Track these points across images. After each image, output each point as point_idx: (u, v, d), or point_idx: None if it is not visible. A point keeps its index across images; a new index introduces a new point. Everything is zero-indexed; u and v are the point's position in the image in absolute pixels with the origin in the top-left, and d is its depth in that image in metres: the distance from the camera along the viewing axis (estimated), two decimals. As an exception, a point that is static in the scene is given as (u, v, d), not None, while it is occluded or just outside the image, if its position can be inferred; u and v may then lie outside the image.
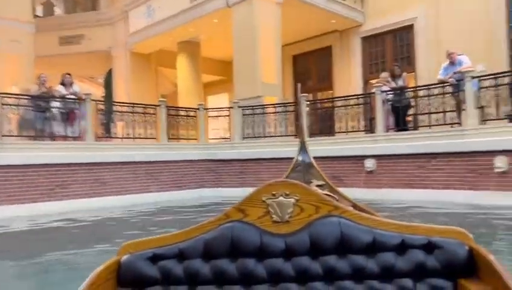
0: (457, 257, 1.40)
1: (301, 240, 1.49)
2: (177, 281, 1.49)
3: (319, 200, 1.54)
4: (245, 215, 1.54)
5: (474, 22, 11.26)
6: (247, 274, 1.47)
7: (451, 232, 1.46)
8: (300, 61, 16.58)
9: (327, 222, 1.51)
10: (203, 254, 1.51)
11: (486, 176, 7.49)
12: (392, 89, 9.15)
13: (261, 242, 1.50)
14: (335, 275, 1.46)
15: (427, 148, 8.30)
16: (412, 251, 1.45)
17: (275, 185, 1.53)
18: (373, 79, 14.63)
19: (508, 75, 7.91)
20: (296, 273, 1.47)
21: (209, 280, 1.48)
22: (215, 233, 1.53)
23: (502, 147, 7.28)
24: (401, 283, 1.42)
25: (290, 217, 1.51)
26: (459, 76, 8.21)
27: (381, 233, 1.49)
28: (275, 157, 10.39)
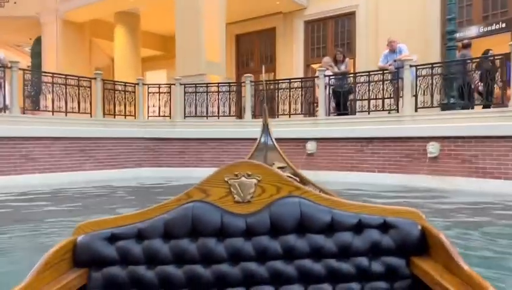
0: (411, 236, 1.46)
1: (262, 220, 1.50)
2: (136, 261, 1.48)
3: (281, 180, 1.55)
4: (207, 195, 1.53)
5: (411, 13, 11.75)
6: (208, 254, 1.48)
7: (406, 212, 1.52)
8: (244, 41, 16.40)
9: (288, 202, 1.52)
10: (163, 234, 1.50)
11: (420, 161, 7.91)
12: (335, 73, 9.31)
13: (221, 222, 1.50)
14: (294, 254, 1.48)
15: (366, 133, 8.59)
16: (368, 231, 1.50)
17: (237, 166, 1.54)
18: (315, 63, 14.90)
19: (443, 66, 8.33)
20: (256, 252, 1.49)
21: (169, 260, 1.48)
22: (176, 213, 1.52)
23: (434, 133, 7.71)
24: (357, 262, 1.47)
25: (251, 198, 1.52)
26: (398, 64, 8.52)
27: (339, 213, 1.52)
28: (218, 138, 10.26)
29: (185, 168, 10.43)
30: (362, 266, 1.48)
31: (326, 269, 1.49)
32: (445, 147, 7.61)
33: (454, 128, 7.47)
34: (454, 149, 7.50)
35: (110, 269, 1.46)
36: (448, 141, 7.58)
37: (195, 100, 10.81)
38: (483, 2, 11.20)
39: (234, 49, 16.16)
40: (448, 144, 7.58)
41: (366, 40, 13.04)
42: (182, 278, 1.48)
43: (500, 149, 6.93)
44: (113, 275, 1.46)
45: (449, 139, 7.56)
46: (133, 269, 1.47)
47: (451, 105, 7.88)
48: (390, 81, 8.71)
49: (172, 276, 1.48)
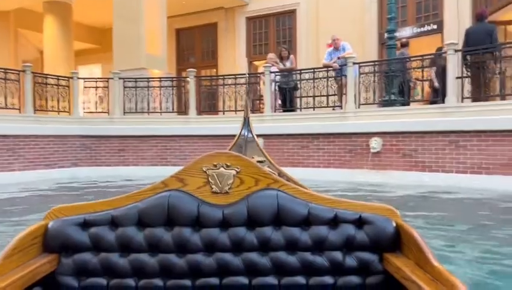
0: (385, 233, 1.48)
1: (239, 211, 1.51)
2: (108, 248, 1.46)
3: (259, 173, 1.56)
4: (184, 184, 1.53)
5: (350, 12, 12.08)
6: (182, 243, 1.48)
7: (381, 209, 1.54)
8: (184, 36, 16.00)
9: (265, 194, 1.53)
10: (138, 222, 1.48)
11: (363, 156, 8.14)
12: (280, 70, 9.32)
13: (198, 212, 1.49)
14: (269, 246, 1.49)
15: (311, 129, 8.69)
16: (344, 226, 1.51)
17: (216, 156, 1.54)
18: (257, 60, 14.91)
19: (384, 63, 8.63)
20: (232, 243, 1.49)
21: (143, 248, 1.47)
22: (152, 201, 1.51)
23: (377, 129, 7.96)
24: (332, 255, 1.49)
25: (229, 189, 1.53)
26: (342, 61, 8.70)
27: (316, 207, 1.53)
28: (160, 135, 9.89)
29: (125, 166, 9.95)
30: (336, 260, 1.49)
31: (301, 262, 1.49)
32: (387, 142, 7.89)
33: (395, 124, 7.76)
34: (396, 144, 7.80)
35: (82, 255, 1.44)
36: (390, 136, 7.86)
37: (135, 95, 10.32)
38: (416, 4, 11.79)
39: (174, 44, 15.70)
40: (390, 139, 7.86)
41: (306, 38, 13.24)
42: (156, 266, 1.46)
43: (438, 144, 7.30)
44: (84, 262, 1.44)
45: (391, 135, 7.84)
46: (106, 256, 1.45)
47: (392, 102, 8.18)
48: (334, 79, 8.88)
49: (145, 264, 1.46)
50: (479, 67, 7.10)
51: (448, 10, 10.95)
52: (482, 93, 7.18)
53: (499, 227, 4.53)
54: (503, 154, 6.58)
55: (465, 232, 4.39)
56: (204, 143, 9.60)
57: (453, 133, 7.12)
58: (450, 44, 7.38)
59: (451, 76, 7.34)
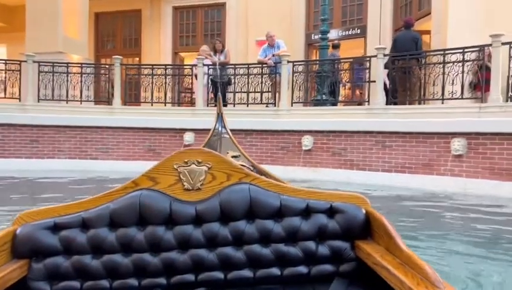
0: (356, 221, 1.54)
1: (212, 207, 1.52)
2: (80, 250, 1.44)
3: (231, 168, 1.58)
4: (155, 183, 1.53)
5: (278, 11, 12.20)
6: (156, 242, 1.48)
7: (351, 197, 1.60)
8: (105, 21, 15.00)
9: (238, 188, 1.55)
10: (110, 223, 1.48)
11: (294, 153, 8.26)
12: (214, 63, 9.11)
13: (170, 210, 1.50)
14: (243, 240, 1.52)
15: (244, 125, 8.59)
16: (316, 215, 1.56)
17: (187, 153, 1.55)
18: (183, 51, 14.49)
19: (316, 63, 8.84)
20: (206, 239, 1.50)
21: (115, 248, 1.46)
22: (123, 201, 1.50)
23: (308, 127, 8.12)
24: (305, 245, 1.53)
25: (201, 185, 1.54)
26: (276, 59, 8.74)
27: (288, 199, 1.56)
28: (80, 126, 9.12)
29: (39, 159, 9.04)
30: (309, 249, 1.53)
31: (275, 254, 1.52)
32: (318, 141, 8.09)
33: (326, 123, 7.97)
34: (326, 142, 8.02)
35: (53, 260, 1.42)
36: (321, 135, 8.06)
37: (52, 81, 9.40)
38: (342, 8, 12.26)
39: (93, 29, 14.63)
40: (321, 138, 8.07)
41: (236, 32, 13.14)
42: (130, 266, 1.46)
43: (366, 143, 7.64)
44: (55, 266, 1.42)
45: (322, 133, 8.05)
46: (78, 259, 1.43)
47: (323, 101, 8.41)
48: (269, 75, 8.89)
49: (119, 265, 1.45)
50: (405, 72, 7.57)
51: (371, 16, 11.53)
52: (407, 97, 7.67)
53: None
54: (424, 155, 7.08)
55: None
56: (130, 135, 9.08)
57: (379, 134, 7.50)
58: (380, 48, 7.76)
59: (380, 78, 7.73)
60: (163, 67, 9.54)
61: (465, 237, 4.28)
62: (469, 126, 6.60)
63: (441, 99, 7.17)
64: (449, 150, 6.80)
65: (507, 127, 6.23)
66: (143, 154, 9.10)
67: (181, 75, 9.60)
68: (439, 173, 6.90)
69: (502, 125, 6.30)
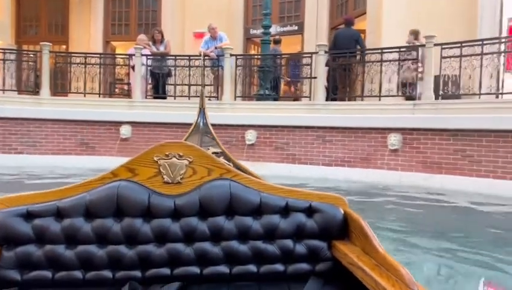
0: (334, 221, 1.55)
1: (191, 201, 1.51)
2: (54, 240, 1.42)
3: (212, 163, 1.56)
4: (134, 174, 1.51)
5: (217, 3, 12.01)
6: (133, 234, 1.46)
7: (330, 197, 1.61)
8: (27, 4, 13.75)
9: (218, 184, 1.54)
10: (85, 213, 1.45)
11: (238, 148, 8.21)
12: (153, 54, 8.75)
13: (149, 202, 1.48)
14: (222, 236, 1.51)
15: (185, 119, 8.30)
16: (295, 214, 1.56)
17: (168, 146, 1.53)
18: (115, 41, 13.78)
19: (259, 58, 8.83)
20: (184, 233, 1.49)
21: (90, 239, 1.44)
22: (100, 192, 1.47)
23: (252, 122, 8.10)
24: (282, 244, 1.54)
25: (181, 179, 1.52)
26: (218, 52, 8.60)
27: (268, 197, 1.56)
28: (2, 117, 8.32)
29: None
30: (287, 248, 1.53)
31: (252, 251, 1.52)
32: (261, 135, 8.11)
33: (269, 118, 8.01)
34: (269, 137, 8.07)
35: (25, 248, 1.40)
36: (264, 130, 8.09)
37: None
38: (280, 4, 12.37)
39: (14, 12, 13.38)
40: (264, 132, 8.09)
41: (172, 23, 12.71)
42: (104, 258, 1.44)
43: (308, 138, 7.80)
44: (27, 254, 1.39)
45: (265, 128, 8.08)
46: (51, 249, 1.41)
47: (266, 96, 8.43)
48: (211, 68, 8.73)
49: (93, 256, 1.43)
50: (345, 69, 7.82)
51: (308, 13, 11.76)
52: (346, 93, 7.93)
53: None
54: (363, 149, 7.38)
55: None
56: (60, 128, 8.47)
57: (320, 129, 7.69)
58: (321, 45, 7.95)
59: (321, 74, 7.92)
60: (97, 56, 8.99)
61: (391, 222, 4.67)
62: (404, 122, 6.99)
63: (378, 96, 7.51)
64: (386, 144, 7.16)
65: (438, 123, 6.69)
66: (75, 148, 8.53)
67: (117, 65, 9.10)
68: (376, 167, 7.24)
69: (433, 121, 6.74)
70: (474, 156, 6.36)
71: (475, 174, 6.34)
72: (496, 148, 6.13)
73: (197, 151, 1.57)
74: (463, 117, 6.44)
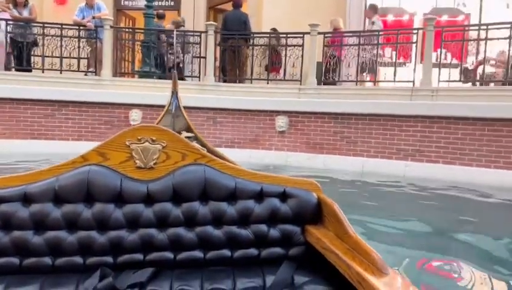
0: (307, 206, 1.57)
1: (165, 187, 1.50)
2: (21, 226, 1.39)
3: (187, 148, 1.55)
4: (105, 159, 1.48)
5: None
6: (104, 220, 1.44)
7: (304, 183, 1.64)
8: None
9: (192, 169, 1.53)
10: (55, 198, 1.43)
11: (120, 128, 7.57)
12: (15, 18, 7.48)
13: (121, 187, 1.46)
14: (196, 221, 1.51)
15: (58, 95, 7.47)
16: (269, 199, 1.57)
17: (141, 130, 1.50)
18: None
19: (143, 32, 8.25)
20: (157, 219, 1.48)
21: (60, 225, 1.41)
22: (70, 176, 1.44)
23: (137, 101, 7.60)
24: (257, 228, 1.55)
25: (154, 164, 1.50)
26: (96, 22, 7.78)
27: (242, 182, 1.57)
28: None
29: None
30: (261, 232, 1.55)
31: (227, 236, 1.52)
32: (148, 115, 7.58)
33: (157, 97, 7.50)
34: (157, 117, 7.60)
35: None
36: (151, 109, 7.59)
37: None
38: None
39: None
40: (151, 112, 7.55)
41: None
42: (75, 244, 1.41)
43: (198, 119, 7.53)
44: None
45: (152, 107, 7.61)
46: (18, 235, 1.38)
47: (151, 73, 7.98)
48: (87, 40, 7.85)
49: (63, 242, 1.40)
50: (234, 51, 7.84)
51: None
52: (237, 75, 7.98)
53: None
54: (252, 131, 7.58)
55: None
56: None
57: (211, 110, 7.63)
58: (210, 25, 7.81)
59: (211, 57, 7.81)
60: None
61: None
62: (290, 105, 7.38)
63: (266, 79, 7.75)
64: (274, 126, 7.48)
65: (320, 107, 7.23)
66: None
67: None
68: (264, 148, 7.52)
69: (316, 105, 7.27)
70: (352, 137, 7.08)
71: (352, 153, 7.07)
72: (370, 131, 6.92)
73: (171, 135, 1.54)
74: (342, 102, 7.08)
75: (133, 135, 1.49)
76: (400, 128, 6.73)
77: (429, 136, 6.53)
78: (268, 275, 1.49)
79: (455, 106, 6.30)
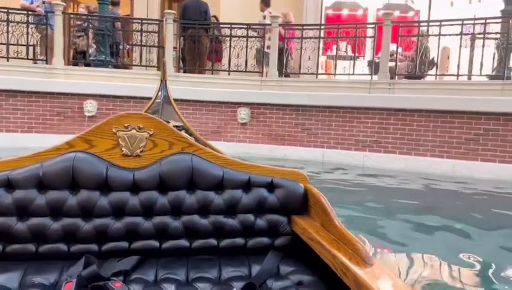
0: (294, 196, 1.59)
1: (151, 175, 1.49)
2: (4, 212, 1.37)
3: (174, 136, 1.54)
4: (91, 146, 1.47)
5: None
6: (89, 207, 1.43)
7: (292, 173, 1.65)
8: None
9: (179, 158, 1.53)
10: (39, 184, 1.41)
11: (75, 120, 7.30)
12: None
13: (106, 175, 1.45)
14: (182, 210, 1.51)
15: (4, 84, 6.99)
16: (257, 189, 1.59)
17: (128, 117, 1.49)
18: None
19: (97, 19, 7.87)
20: (143, 207, 1.47)
21: (44, 211, 1.40)
22: (55, 163, 1.43)
23: (91, 91, 7.28)
24: (244, 218, 1.56)
25: (141, 152, 1.50)
26: (47, 7, 7.33)
27: (230, 171, 1.58)
28: None
29: None
30: (248, 222, 1.56)
31: (213, 225, 1.53)
32: (104, 106, 7.38)
33: (113, 87, 7.33)
34: (113, 108, 7.39)
35: None
36: (106, 100, 7.38)
37: None
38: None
39: None
40: (106, 103, 7.39)
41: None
42: (59, 231, 1.40)
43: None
44: None
45: (108, 98, 7.38)
46: (2, 221, 1.37)
47: (106, 63, 7.65)
48: (37, 26, 7.37)
49: (47, 229, 1.39)
50: (194, 41, 7.69)
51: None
52: (197, 65, 7.84)
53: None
54: (213, 122, 7.50)
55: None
56: None
57: (170, 101, 7.45)
58: (169, 13, 7.60)
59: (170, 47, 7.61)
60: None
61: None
62: (252, 97, 7.36)
63: (227, 70, 7.68)
64: (236, 118, 7.45)
65: (281, 99, 7.28)
66: None
67: None
68: (226, 139, 7.46)
69: (277, 97, 7.31)
70: (312, 129, 7.20)
71: (313, 145, 7.19)
72: (330, 123, 7.07)
73: (158, 123, 1.52)
74: (303, 94, 7.17)
75: (119, 122, 1.47)
76: (358, 120, 6.93)
77: (386, 128, 6.78)
78: (254, 265, 1.50)
79: (411, 98, 6.57)
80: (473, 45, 6.64)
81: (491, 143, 6.04)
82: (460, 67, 6.70)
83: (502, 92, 6.11)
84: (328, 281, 1.35)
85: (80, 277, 1.27)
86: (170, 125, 2.08)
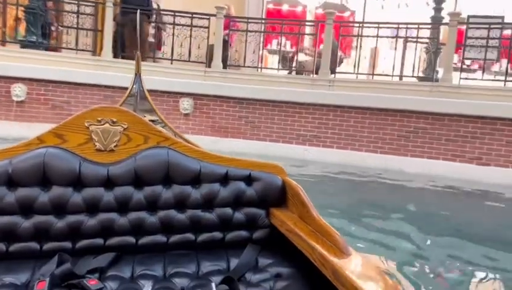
0: (272, 189, 1.60)
1: (126, 170, 1.46)
2: None
3: (149, 130, 1.52)
4: (63, 141, 1.43)
5: None
6: (61, 204, 1.39)
7: (269, 166, 1.66)
8: None
9: (155, 152, 1.51)
10: (8, 181, 1.36)
11: (2, 105, 6.71)
12: None
13: (79, 171, 1.41)
14: (159, 205, 1.49)
15: None
16: (234, 183, 1.59)
17: (101, 111, 1.46)
18: None
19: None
20: (118, 203, 1.45)
21: (14, 209, 1.36)
22: (25, 158, 1.38)
23: (20, 74, 6.73)
24: (221, 212, 1.57)
25: (115, 146, 1.47)
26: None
27: (207, 165, 1.57)
28: None
29: None
30: (226, 216, 1.56)
31: (191, 219, 1.52)
32: (34, 91, 6.87)
33: (44, 71, 6.84)
34: (45, 94, 6.92)
35: None
36: (37, 84, 6.87)
37: None
38: None
39: None
40: (37, 88, 6.88)
41: None
42: (31, 229, 1.36)
43: (94, 97, 7.08)
44: None
45: (38, 82, 6.87)
46: None
47: (37, 44, 7.09)
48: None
49: (18, 227, 1.35)
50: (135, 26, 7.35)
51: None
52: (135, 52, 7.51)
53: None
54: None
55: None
56: None
57: (109, 88, 7.11)
58: None
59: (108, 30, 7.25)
60: None
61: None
62: (196, 88, 7.26)
63: (170, 59, 7.49)
64: (178, 108, 7.31)
65: (225, 91, 7.26)
66: None
67: None
68: (167, 130, 7.30)
69: (221, 89, 7.27)
70: (255, 122, 7.28)
71: (255, 138, 7.28)
72: (273, 116, 7.20)
73: (133, 117, 1.49)
74: (246, 87, 7.22)
75: (92, 116, 1.43)
76: (300, 115, 7.13)
77: (326, 123, 7.05)
78: (232, 258, 1.49)
79: (348, 96, 6.90)
80: (405, 47, 7.13)
81: (420, 140, 6.54)
82: (393, 68, 7.16)
83: (431, 93, 6.63)
84: (306, 272, 1.36)
85: (53, 275, 1.23)
86: (146, 119, 2.04)
